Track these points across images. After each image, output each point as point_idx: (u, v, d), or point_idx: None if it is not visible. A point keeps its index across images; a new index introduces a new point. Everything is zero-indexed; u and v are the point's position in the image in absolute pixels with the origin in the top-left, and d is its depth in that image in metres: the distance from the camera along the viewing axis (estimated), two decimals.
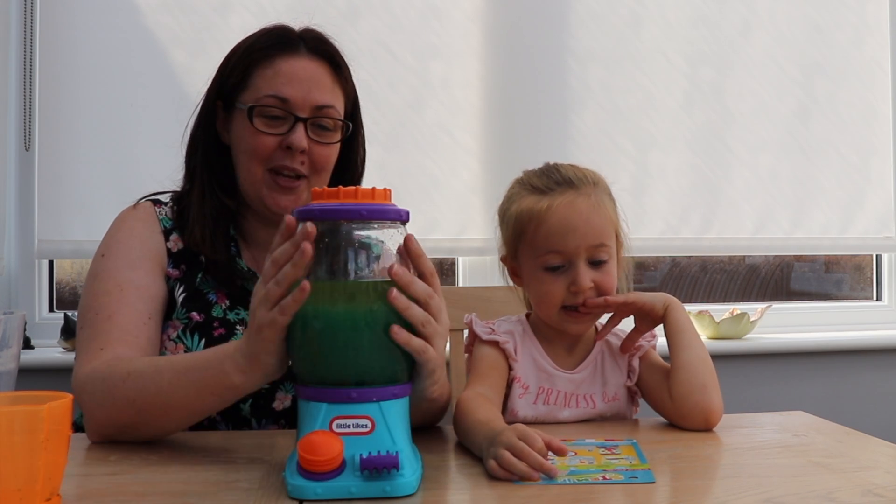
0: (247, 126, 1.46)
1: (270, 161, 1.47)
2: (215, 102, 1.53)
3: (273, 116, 1.46)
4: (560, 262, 1.41)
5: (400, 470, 1.02)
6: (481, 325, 1.51)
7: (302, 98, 1.46)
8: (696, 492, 1.11)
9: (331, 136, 1.50)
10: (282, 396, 1.47)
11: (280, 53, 1.48)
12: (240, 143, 1.49)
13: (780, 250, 2.75)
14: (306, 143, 1.46)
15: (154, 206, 1.54)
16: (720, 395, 1.41)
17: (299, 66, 1.48)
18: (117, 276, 1.43)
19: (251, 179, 1.49)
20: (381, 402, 1.06)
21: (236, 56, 1.52)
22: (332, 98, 1.50)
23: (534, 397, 1.48)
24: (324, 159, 1.50)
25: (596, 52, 2.58)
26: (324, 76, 1.50)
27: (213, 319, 1.47)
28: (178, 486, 1.09)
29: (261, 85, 1.47)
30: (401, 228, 1.11)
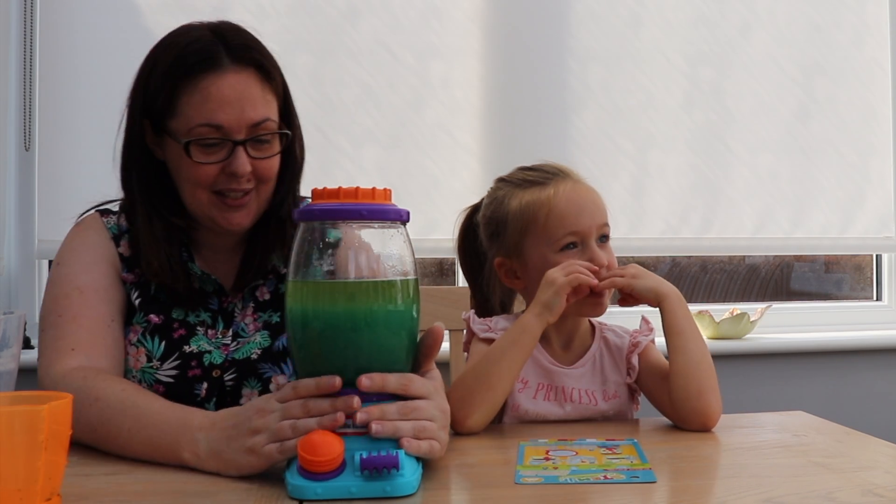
0: (184, 158, 1.39)
1: (214, 185, 1.41)
2: (142, 121, 1.45)
3: (209, 144, 1.39)
4: (575, 241, 1.46)
5: (400, 470, 1.02)
6: (478, 322, 1.51)
7: (236, 120, 1.38)
8: (696, 491, 1.11)
9: (271, 149, 1.44)
10: (247, 393, 1.45)
11: (203, 73, 1.38)
12: (179, 171, 1.43)
13: (780, 250, 2.75)
14: (249, 167, 1.40)
15: (101, 216, 1.52)
16: (718, 397, 1.41)
17: (227, 86, 1.38)
18: (76, 280, 1.42)
19: (197, 203, 1.43)
20: (382, 401, 1.06)
21: (157, 76, 1.41)
22: (265, 110, 1.41)
23: (534, 392, 1.48)
24: (268, 170, 1.44)
25: (596, 51, 2.58)
26: (253, 88, 1.41)
27: (173, 321, 1.46)
28: (177, 485, 1.09)
29: (191, 114, 1.38)
30: (401, 229, 1.11)
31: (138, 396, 1.25)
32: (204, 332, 1.46)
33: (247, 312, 1.50)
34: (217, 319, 1.48)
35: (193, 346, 1.45)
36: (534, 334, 1.41)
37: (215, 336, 1.46)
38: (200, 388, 1.43)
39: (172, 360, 1.43)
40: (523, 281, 1.52)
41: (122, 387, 1.27)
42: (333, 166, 2.43)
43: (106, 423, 1.22)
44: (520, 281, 1.52)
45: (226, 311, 1.49)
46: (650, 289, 1.43)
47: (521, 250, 1.49)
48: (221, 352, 1.45)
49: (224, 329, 1.47)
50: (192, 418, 1.16)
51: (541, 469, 1.16)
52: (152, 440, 1.18)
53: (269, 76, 1.44)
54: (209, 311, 1.48)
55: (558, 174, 1.52)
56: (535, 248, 1.48)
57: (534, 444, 1.31)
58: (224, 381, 1.44)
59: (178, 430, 1.16)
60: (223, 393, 1.44)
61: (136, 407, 1.22)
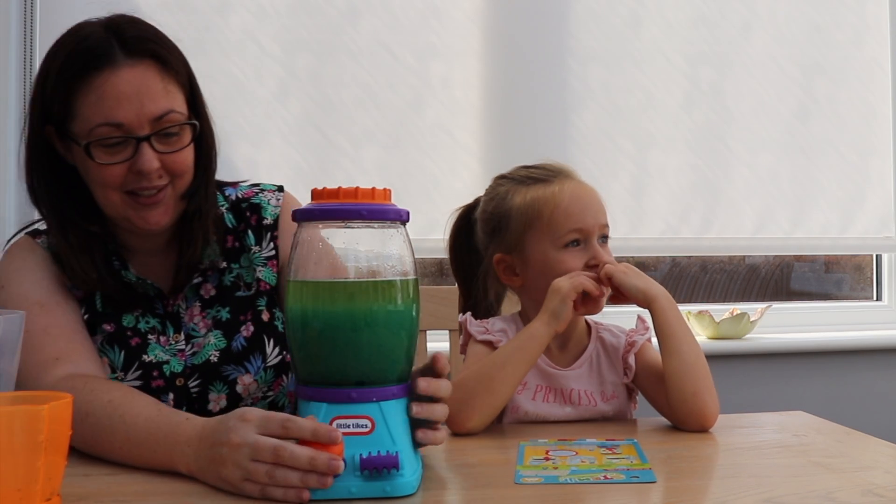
0: (88, 160, 1.33)
1: (125, 186, 1.35)
2: (44, 128, 1.39)
3: (112, 144, 1.32)
4: (579, 239, 1.46)
5: (400, 470, 1.02)
6: (475, 324, 1.51)
7: (136, 116, 1.31)
8: (696, 491, 1.11)
9: (179, 141, 1.37)
10: (214, 398, 1.43)
11: (97, 71, 1.31)
12: (87, 174, 1.37)
13: (779, 250, 2.75)
14: (157, 162, 1.33)
15: (32, 237, 1.47)
16: (715, 397, 1.41)
17: (122, 81, 1.31)
18: (30, 297, 1.37)
19: (111, 206, 1.37)
20: (381, 401, 1.05)
21: (52, 79, 1.35)
22: (167, 102, 1.35)
23: (532, 393, 1.48)
24: (181, 164, 1.38)
25: (596, 52, 2.58)
26: (152, 80, 1.34)
27: (125, 329, 1.42)
28: (178, 486, 1.09)
29: (88, 114, 1.32)
30: (400, 229, 1.11)
31: (125, 408, 1.21)
32: (156, 339, 1.43)
33: (194, 312, 1.46)
34: (166, 324, 1.44)
35: (151, 355, 1.41)
36: (542, 342, 1.41)
37: (168, 342, 1.43)
38: (167, 399, 1.40)
39: (134, 371, 1.40)
40: (521, 278, 1.52)
41: (108, 398, 1.23)
42: (333, 166, 2.43)
43: (99, 440, 1.20)
44: (518, 278, 1.52)
45: (172, 314, 1.45)
46: (638, 288, 1.43)
47: (522, 246, 1.50)
48: (179, 359, 1.42)
49: (175, 333, 1.44)
50: (180, 431, 1.14)
51: (541, 469, 1.16)
52: (144, 457, 1.16)
53: (169, 66, 1.37)
54: (157, 317, 1.45)
55: (561, 172, 1.53)
56: (537, 245, 1.48)
57: (534, 444, 1.31)
58: (189, 389, 1.42)
59: (169, 446, 1.13)
60: (190, 400, 1.42)
61: (123, 423, 1.19)
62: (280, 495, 1.01)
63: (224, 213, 1.50)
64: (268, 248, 1.50)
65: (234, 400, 1.43)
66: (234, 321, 1.46)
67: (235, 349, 1.44)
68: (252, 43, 2.39)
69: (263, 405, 1.45)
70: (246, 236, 1.50)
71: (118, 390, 1.27)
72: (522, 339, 1.41)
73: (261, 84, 2.39)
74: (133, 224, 1.38)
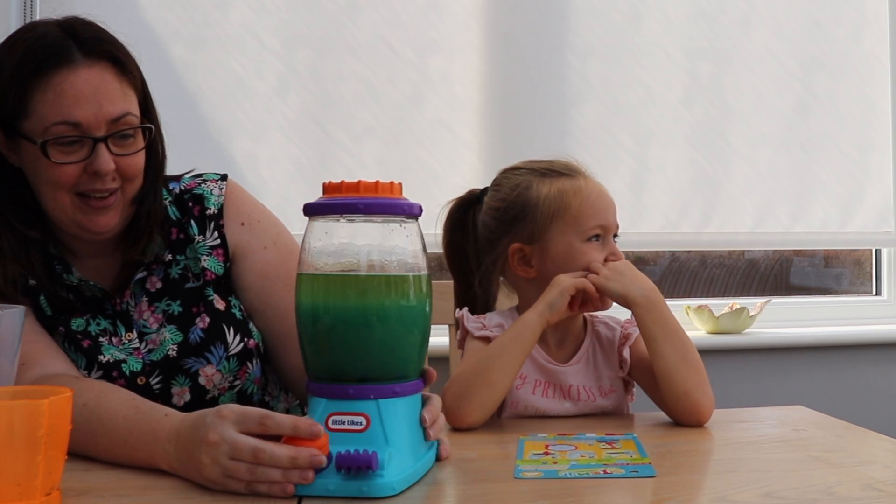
0: (41, 159, 1.31)
1: (77, 187, 1.33)
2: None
3: (69, 143, 1.31)
4: (600, 234, 1.50)
5: (378, 470, 1.00)
6: (472, 320, 1.51)
7: (94, 116, 1.31)
8: (696, 486, 1.11)
9: (135, 144, 1.37)
10: (178, 391, 1.42)
11: (55, 69, 1.30)
12: (37, 174, 1.34)
13: (779, 245, 2.75)
14: (112, 164, 1.32)
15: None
16: (708, 392, 1.41)
17: (81, 81, 1.31)
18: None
19: (59, 208, 1.34)
20: (379, 399, 1.05)
21: (4, 77, 1.33)
22: (124, 104, 1.34)
23: (531, 388, 1.48)
24: (133, 167, 1.37)
25: (595, 47, 2.58)
26: (110, 82, 1.34)
27: (75, 333, 1.40)
28: (177, 481, 1.09)
29: (44, 112, 1.30)
30: (413, 223, 1.11)
31: (102, 410, 1.20)
32: (108, 340, 1.41)
33: (142, 308, 1.45)
34: (116, 324, 1.43)
35: (107, 355, 1.39)
36: (534, 330, 1.41)
37: (121, 342, 1.42)
38: None
39: (95, 372, 1.38)
40: (536, 269, 1.51)
41: (83, 401, 1.21)
42: (333, 161, 2.43)
43: (83, 444, 1.18)
44: (532, 269, 1.52)
45: (121, 313, 1.43)
46: (618, 294, 1.44)
47: (545, 236, 1.50)
48: (136, 357, 1.41)
49: (127, 332, 1.43)
50: (160, 428, 1.13)
51: (540, 464, 1.16)
52: (128, 456, 1.16)
53: (125, 70, 1.37)
54: (107, 318, 1.43)
55: (576, 171, 1.55)
56: (562, 235, 1.48)
57: (533, 438, 1.31)
58: (151, 386, 1.40)
59: (150, 443, 1.13)
60: (153, 397, 1.37)
61: (102, 425, 1.18)
62: (265, 490, 1.01)
63: (168, 207, 1.48)
64: (212, 238, 1.48)
65: (199, 392, 1.42)
66: (187, 314, 1.44)
67: (193, 341, 1.42)
68: (252, 38, 2.38)
69: (231, 395, 1.44)
70: (189, 227, 1.48)
71: (91, 391, 1.25)
72: (516, 328, 1.42)
73: (260, 79, 2.39)
74: (82, 227, 1.36)
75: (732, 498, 1.02)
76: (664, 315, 1.43)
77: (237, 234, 1.50)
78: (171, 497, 1.03)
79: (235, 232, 1.50)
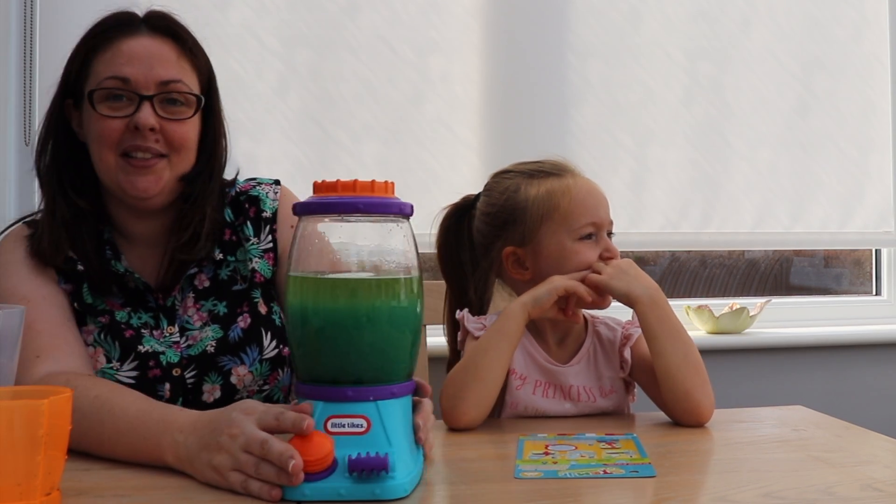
0: (92, 113, 1.38)
1: (121, 145, 1.38)
2: (64, 102, 1.45)
3: (116, 97, 1.38)
4: (592, 232, 1.49)
5: (390, 472, 1.00)
6: (473, 321, 1.51)
7: (144, 75, 1.38)
8: (696, 486, 1.11)
9: (183, 112, 1.42)
10: (208, 388, 1.44)
11: (119, 35, 1.40)
12: (89, 133, 1.41)
13: (779, 245, 2.75)
14: (154, 121, 1.37)
15: (27, 227, 1.48)
16: (708, 393, 1.41)
17: (139, 45, 1.39)
18: (17, 292, 1.39)
19: (105, 168, 1.40)
20: (379, 401, 1.04)
21: (77, 52, 1.44)
22: (178, 72, 1.41)
23: (531, 388, 1.48)
24: (180, 136, 1.41)
25: (595, 47, 2.58)
26: (167, 52, 1.41)
27: (119, 323, 1.43)
28: (176, 480, 1.09)
29: (101, 69, 1.39)
30: (404, 223, 1.10)
31: (114, 401, 1.22)
32: (149, 333, 1.43)
33: (188, 304, 1.47)
34: (159, 318, 1.45)
35: (146, 346, 1.42)
36: (518, 322, 1.42)
37: (162, 336, 1.44)
38: (163, 388, 1.41)
39: (130, 361, 1.40)
40: (531, 271, 1.52)
41: (95, 393, 1.23)
42: (333, 161, 2.43)
43: (86, 433, 1.19)
44: (527, 272, 1.52)
45: (165, 307, 1.46)
46: (621, 292, 1.44)
47: (536, 238, 1.50)
48: (175, 350, 1.43)
49: (169, 326, 1.45)
50: (175, 419, 1.14)
51: (540, 464, 1.16)
52: (133, 446, 1.16)
53: (186, 48, 1.44)
54: (149, 312, 1.45)
55: (568, 167, 1.55)
56: (553, 236, 1.49)
57: (533, 438, 1.31)
58: (185, 379, 1.42)
59: (160, 433, 1.13)
60: (185, 391, 1.42)
61: (111, 414, 1.19)
62: (256, 489, 1.01)
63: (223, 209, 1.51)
64: (266, 241, 1.51)
65: (229, 391, 1.44)
66: (231, 314, 1.47)
67: (232, 339, 1.45)
68: (251, 38, 2.38)
69: (259, 399, 1.45)
70: (244, 228, 1.50)
71: (103, 386, 1.27)
72: (500, 322, 1.43)
73: (260, 79, 2.39)
74: (124, 190, 1.40)
75: (732, 498, 1.02)
76: (667, 314, 1.43)
77: (287, 237, 1.51)
78: (171, 497, 1.03)
79: (286, 235, 1.52)
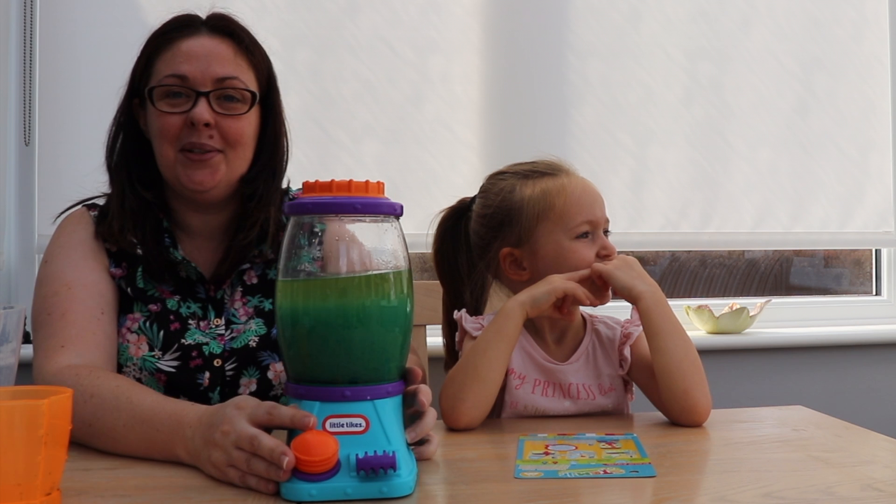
0: (152, 110, 1.44)
1: (179, 140, 1.43)
2: (132, 102, 1.51)
3: (174, 94, 1.43)
4: (588, 230, 1.49)
5: (397, 470, 1.00)
6: (471, 321, 1.51)
7: (201, 72, 1.43)
8: (696, 486, 1.11)
9: (239, 108, 1.46)
10: (245, 382, 1.47)
11: (179, 36, 1.46)
12: (151, 129, 1.47)
13: (779, 245, 2.75)
14: (209, 116, 1.42)
15: (88, 209, 1.53)
16: (706, 392, 1.41)
17: (197, 44, 1.45)
18: (63, 277, 1.44)
19: (166, 163, 1.45)
20: (375, 400, 1.04)
21: (142, 53, 1.50)
22: (234, 69, 1.45)
23: (531, 387, 1.48)
24: (235, 132, 1.45)
25: (595, 46, 2.58)
26: (225, 50, 1.46)
27: (169, 312, 1.47)
28: (177, 480, 1.09)
29: (161, 68, 1.45)
30: (394, 223, 1.10)
31: (133, 392, 1.25)
32: (196, 324, 1.47)
33: (235, 297, 1.50)
34: (207, 309, 1.49)
35: (190, 339, 1.46)
36: (516, 321, 1.42)
37: (208, 327, 1.47)
38: (203, 377, 1.44)
39: (173, 352, 1.44)
40: (529, 272, 1.52)
41: (116, 383, 1.27)
42: (333, 161, 2.43)
43: (101, 419, 1.22)
44: (525, 272, 1.53)
45: (214, 298, 1.49)
46: (625, 285, 1.44)
47: (533, 238, 1.50)
48: (219, 342, 1.46)
49: (216, 318, 1.48)
50: (185, 414, 1.16)
51: (540, 463, 1.16)
52: (147, 436, 1.18)
53: (243, 45, 1.48)
54: (198, 302, 1.49)
55: (562, 167, 1.55)
56: (549, 235, 1.49)
57: (533, 438, 1.31)
58: (225, 371, 1.45)
59: (173, 427, 1.16)
60: (224, 382, 1.46)
61: (130, 402, 1.22)
62: (253, 484, 1.03)
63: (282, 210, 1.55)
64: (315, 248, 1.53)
65: (265, 386, 1.48)
66: None
67: (274, 336, 1.48)
68: None
69: None
70: None
71: (125, 380, 1.32)
72: (498, 321, 1.43)
73: None
74: (182, 183, 1.45)
75: (732, 498, 1.02)
76: (668, 312, 1.44)
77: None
78: (171, 497, 1.03)
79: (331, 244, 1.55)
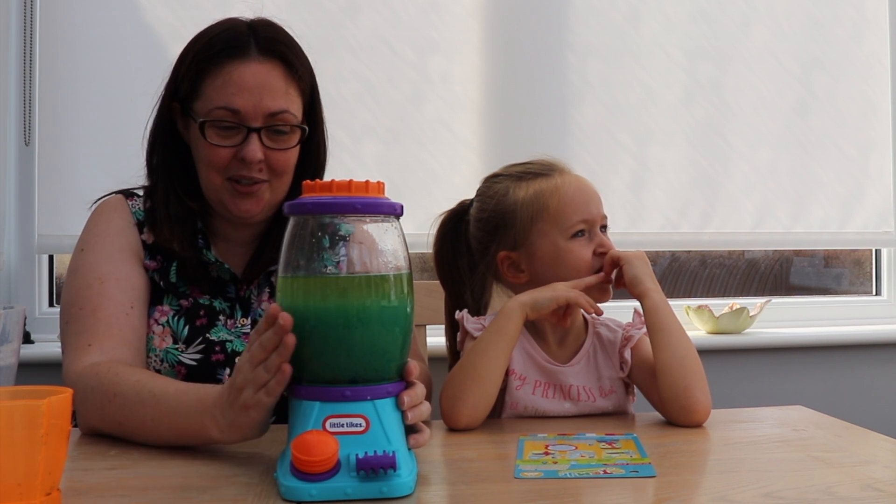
0: (201, 138, 1.44)
1: (227, 171, 1.44)
2: (171, 104, 1.50)
3: (225, 128, 1.43)
4: (584, 229, 1.49)
5: (397, 470, 1.00)
6: (472, 321, 1.51)
7: (253, 107, 1.42)
8: (696, 486, 1.11)
9: (287, 141, 1.46)
10: None
11: (229, 60, 1.43)
12: (197, 152, 1.47)
13: (779, 245, 2.75)
14: (261, 154, 1.43)
15: (126, 198, 1.54)
16: (706, 392, 1.41)
17: (249, 74, 1.42)
18: (97, 268, 1.45)
19: (211, 188, 1.47)
20: (376, 400, 1.04)
21: (187, 62, 1.47)
22: (285, 102, 1.45)
23: (531, 388, 1.48)
24: (282, 164, 1.46)
25: (595, 47, 2.58)
26: (276, 79, 1.45)
27: (200, 307, 1.49)
28: (177, 480, 1.09)
29: (211, 95, 1.43)
30: (394, 223, 1.10)
31: (153, 384, 1.27)
32: (223, 322, 1.49)
33: (262, 298, 1.53)
34: (235, 308, 1.51)
35: (215, 336, 1.48)
36: (516, 321, 1.42)
37: (234, 326, 1.50)
38: (224, 372, 1.46)
39: (197, 345, 1.46)
40: (527, 274, 1.52)
41: (135, 378, 1.28)
42: (333, 161, 2.38)
43: (129, 417, 1.25)
44: (523, 274, 1.53)
45: (243, 298, 1.52)
46: (636, 277, 1.45)
47: (529, 240, 1.50)
48: (243, 340, 1.48)
49: (242, 317, 1.51)
50: (208, 397, 1.18)
51: (540, 464, 1.16)
52: (177, 426, 1.20)
53: (294, 72, 1.47)
54: (227, 301, 1.51)
55: (557, 166, 1.55)
56: (545, 237, 1.49)
57: (533, 438, 1.31)
58: None
59: (200, 412, 1.18)
60: None
61: (152, 396, 1.24)
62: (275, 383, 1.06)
63: None
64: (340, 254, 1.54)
65: None
66: None
67: None
68: None
69: None
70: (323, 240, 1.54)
71: (144, 373, 1.33)
72: (498, 321, 1.43)
73: None
74: (227, 210, 1.47)
75: (732, 498, 1.02)
76: (671, 312, 1.45)
77: None
78: (171, 497, 1.03)
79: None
